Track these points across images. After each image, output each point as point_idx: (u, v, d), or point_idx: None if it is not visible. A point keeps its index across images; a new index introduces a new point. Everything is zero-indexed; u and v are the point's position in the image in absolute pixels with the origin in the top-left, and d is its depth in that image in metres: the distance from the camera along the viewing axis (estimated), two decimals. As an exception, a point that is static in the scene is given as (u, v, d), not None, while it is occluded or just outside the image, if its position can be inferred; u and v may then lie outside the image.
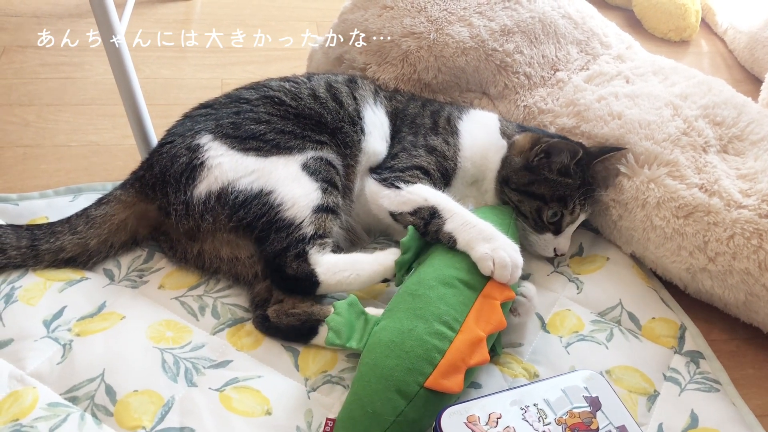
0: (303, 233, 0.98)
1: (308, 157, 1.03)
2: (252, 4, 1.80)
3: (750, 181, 1.07)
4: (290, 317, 0.96)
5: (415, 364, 0.81)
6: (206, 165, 1.00)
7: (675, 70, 1.28)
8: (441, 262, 0.94)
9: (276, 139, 1.04)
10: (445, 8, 1.26)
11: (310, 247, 0.98)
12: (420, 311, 0.86)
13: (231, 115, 1.06)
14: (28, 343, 0.92)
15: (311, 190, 1.01)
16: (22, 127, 1.34)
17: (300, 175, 1.01)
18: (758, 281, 1.01)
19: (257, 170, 1.00)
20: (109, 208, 1.03)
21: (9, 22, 1.63)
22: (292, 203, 0.99)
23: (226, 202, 0.99)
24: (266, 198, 0.99)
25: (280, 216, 0.98)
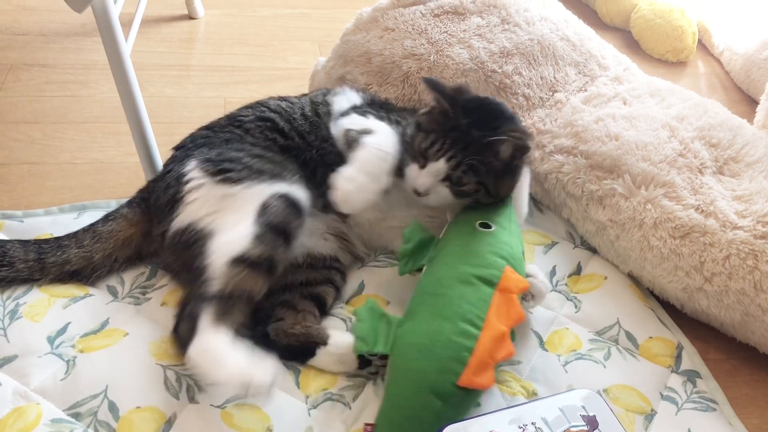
0: (207, 287, 0.89)
1: (273, 192, 0.98)
2: (255, 24, 1.83)
3: (745, 202, 1.08)
4: (289, 337, 0.96)
5: (447, 364, 0.83)
6: (184, 200, 0.99)
7: (671, 92, 1.30)
8: (455, 259, 0.94)
9: (251, 163, 1.01)
10: (446, 30, 1.29)
11: (205, 309, 0.88)
12: (443, 311, 0.87)
13: (221, 142, 1.06)
14: (32, 359, 0.93)
15: (241, 237, 0.93)
16: (28, 145, 1.35)
17: (248, 216, 0.95)
18: (754, 301, 1.02)
19: (221, 209, 0.97)
20: (115, 224, 1.05)
21: (16, 41, 1.65)
22: (215, 250, 0.93)
23: (183, 240, 0.97)
24: (206, 242, 0.94)
25: (203, 264, 0.92)
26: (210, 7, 1.86)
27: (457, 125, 0.99)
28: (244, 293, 0.90)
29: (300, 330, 0.97)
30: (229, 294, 0.89)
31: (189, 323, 0.88)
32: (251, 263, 0.91)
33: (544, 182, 1.21)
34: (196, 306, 0.89)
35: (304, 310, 1.00)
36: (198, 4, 1.82)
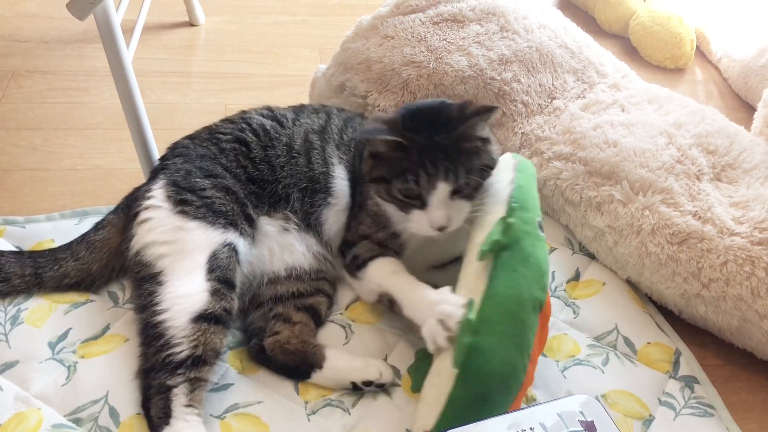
0: (173, 354, 0.87)
1: (225, 241, 0.96)
2: (256, 31, 1.84)
3: (742, 208, 1.09)
4: (286, 354, 0.95)
5: (512, 395, 0.85)
6: (138, 217, 0.98)
7: (669, 99, 1.31)
8: (530, 275, 0.87)
9: (212, 199, 0.98)
10: (445, 38, 1.30)
11: (176, 383, 0.86)
12: (519, 342, 0.84)
13: (196, 157, 1.04)
14: (33, 365, 0.93)
15: (198, 291, 0.91)
16: (30, 151, 1.36)
17: (200, 268, 0.93)
18: (751, 307, 1.02)
19: (171, 242, 0.95)
20: (105, 232, 1.05)
21: (18, 48, 1.66)
22: (170, 305, 0.90)
23: (132, 272, 0.96)
24: (155, 288, 0.92)
25: (156, 319, 0.89)
26: (211, 14, 1.87)
27: (421, 147, 0.91)
28: (214, 352, 0.89)
29: (297, 346, 0.96)
30: (199, 356, 0.87)
31: (161, 401, 0.86)
32: (215, 319, 0.90)
33: (543, 188, 1.22)
34: (166, 377, 0.86)
35: (299, 322, 0.99)
36: (199, 11, 1.83)
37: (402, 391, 0.96)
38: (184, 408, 0.85)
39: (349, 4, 2.01)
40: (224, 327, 0.92)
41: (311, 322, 1.01)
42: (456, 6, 1.33)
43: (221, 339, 0.91)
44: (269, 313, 1.01)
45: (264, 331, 0.99)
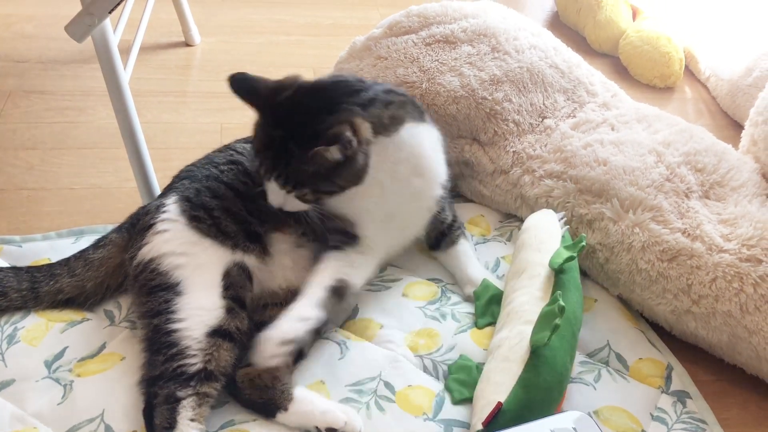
0: (186, 365, 0.88)
1: (235, 261, 0.98)
2: (251, 51, 1.86)
3: (731, 226, 1.11)
4: (254, 389, 0.92)
5: (559, 398, 0.94)
6: (154, 228, 0.99)
7: (658, 117, 1.33)
8: (579, 299, 1.03)
9: (220, 219, 1.01)
10: (437, 59, 1.32)
11: (186, 395, 0.86)
12: (571, 353, 0.97)
13: (202, 177, 1.06)
14: (29, 384, 0.94)
15: (216, 307, 0.93)
16: (27, 171, 1.37)
17: (216, 285, 0.95)
18: (740, 323, 1.04)
19: (188, 254, 0.96)
20: (105, 251, 1.05)
21: (15, 68, 1.67)
22: (188, 315, 0.91)
23: (144, 279, 0.96)
24: (172, 297, 0.93)
25: (171, 327, 0.90)
26: (206, 34, 1.89)
27: (272, 139, 0.93)
28: (223, 369, 0.90)
29: (267, 382, 0.92)
30: (210, 371, 0.89)
31: (168, 411, 0.85)
32: (229, 336, 0.92)
33: (535, 206, 1.23)
34: (176, 388, 0.87)
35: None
36: (195, 31, 1.85)
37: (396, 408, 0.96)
38: (189, 422, 0.85)
39: (343, 25, 2.03)
40: (235, 345, 0.93)
41: (292, 358, 0.98)
42: (448, 27, 1.36)
43: (232, 357, 0.92)
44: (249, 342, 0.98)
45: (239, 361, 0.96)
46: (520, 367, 0.91)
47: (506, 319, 1.01)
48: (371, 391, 0.98)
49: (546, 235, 1.10)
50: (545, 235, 1.10)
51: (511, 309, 1.02)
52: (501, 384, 0.91)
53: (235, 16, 2.01)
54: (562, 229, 1.13)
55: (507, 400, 0.88)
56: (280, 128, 0.93)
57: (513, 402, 0.88)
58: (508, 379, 0.91)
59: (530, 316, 0.97)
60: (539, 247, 1.08)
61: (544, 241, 1.09)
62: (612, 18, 1.98)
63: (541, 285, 1.02)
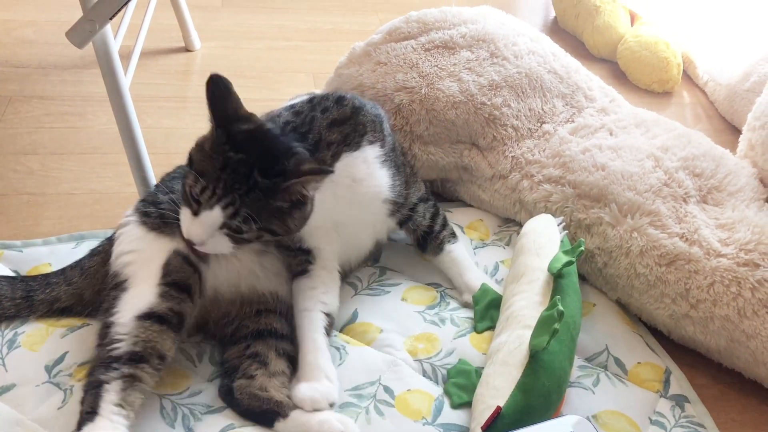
0: (112, 349, 0.87)
1: (174, 248, 0.96)
2: (250, 56, 1.86)
3: (728, 230, 1.11)
4: (254, 400, 0.92)
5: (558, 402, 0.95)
6: (117, 231, 1.02)
7: (656, 122, 1.33)
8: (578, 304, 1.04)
9: (165, 211, 0.98)
10: (436, 64, 1.33)
11: (110, 378, 0.85)
12: (570, 357, 0.98)
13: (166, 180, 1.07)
14: (29, 388, 0.94)
15: (147, 292, 0.92)
16: (27, 176, 1.38)
17: (154, 274, 0.94)
18: (738, 327, 1.04)
19: (135, 251, 0.97)
20: (99, 258, 1.06)
21: (15, 73, 1.68)
22: (121, 307, 0.91)
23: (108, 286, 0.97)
24: (118, 294, 0.93)
25: (107, 320, 0.91)
26: (206, 39, 1.90)
27: (227, 161, 0.88)
28: (155, 352, 0.88)
29: (267, 395, 0.93)
30: (138, 353, 0.87)
31: (92, 397, 0.85)
32: (160, 318, 0.90)
33: (533, 211, 1.24)
34: (101, 373, 0.86)
35: (278, 372, 0.97)
36: (195, 36, 1.86)
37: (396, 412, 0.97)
38: (113, 407, 0.83)
39: (342, 30, 2.04)
40: (170, 328, 0.91)
41: (289, 371, 0.98)
42: (447, 33, 1.37)
43: (165, 339, 0.90)
44: (246, 351, 0.98)
45: (236, 371, 0.96)
46: (519, 371, 0.92)
47: (505, 323, 1.02)
48: (371, 396, 0.98)
49: (545, 239, 1.11)
50: (544, 240, 1.11)
51: (510, 313, 1.02)
52: (500, 388, 0.92)
53: (234, 21, 2.02)
54: (561, 233, 1.13)
55: (506, 404, 0.89)
56: (242, 153, 0.88)
57: (512, 406, 0.89)
58: (507, 384, 0.92)
59: (529, 320, 0.98)
60: (538, 252, 1.08)
61: (543, 245, 1.09)
62: (610, 23, 1.99)
63: (540, 289, 1.02)
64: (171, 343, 0.91)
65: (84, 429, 0.83)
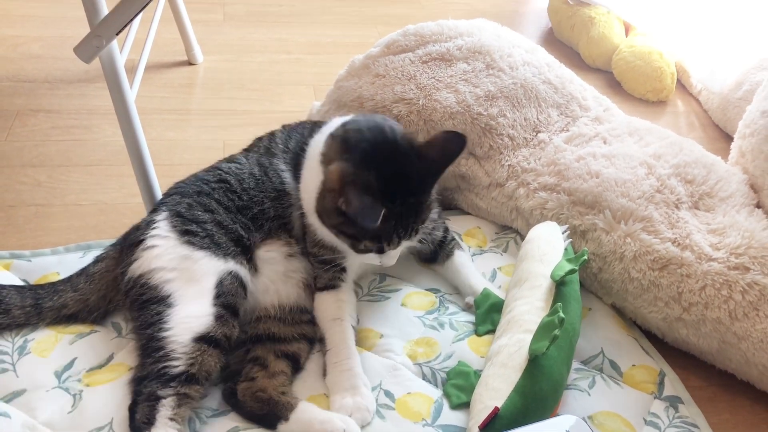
0: (169, 367, 0.92)
1: (228, 269, 1.01)
2: (252, 69, 1.90)
3: (719, 235, 1.14)
4: (256, 402, 0.95)
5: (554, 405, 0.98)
6: (143, 244, 1.02)
7: (649, 131, 1.36)
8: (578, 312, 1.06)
9: (213, 232, 1.04)
10: (433, 76, 1.36)
11: (166, 394, 0.90)
12: (567, 363, 1.01)
13: (193, 192, 1.10)
14: (40, 393, 0.97)
15: (205, 314, 0.96)
16: (35, 187, 1.41)
17: (208, 293, 0.98)
18: (729, 329, 1.07)
19: (179, 269, 0.99)
20: (103, 264, 1.09)
21: (22, 87, 1.71)
22: (176, 323, 0.95)
23: (135, 294, 0.99)
24: (163, 309, 0.96)
25: (160, 335, 0.94)
26: (209, 53, 1.94)
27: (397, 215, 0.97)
28: (207, 374, 0.94)
29: (270, 395, 0.96)
30: (193, 375, 0.92)
31: (148, 408, 0.89)
32: (215, 343, 0.95)
33: (530, 218, 1.27)
34: (157, 387, 0.91)
35: (279, 372, 1.00)
36: (197, 50, 1.89)
37: (396, 415, 0.99)
38: (168, 420, 0.89)
39: (342, 43, 2.08)
40: (221, 352, 0.96)
41: (290, 370, 1.01)
42: (444, 45, 1.40)
43: (216, 363, 0.95)
44: (246, 355, 1.02)
45: (239, 374, 0.99)
46: (517, 374, 0.95)
47: (506, 327, 1.04)
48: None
49: (548, 246, 1.13)
50: (548, 247, 1.13)
51: (512, 317, 1.04)
52: (498, 390, 0.94)
53: (236, 35, 2.06)
54: (566, 241, 1.15)
55: (503, 405, 0.91)
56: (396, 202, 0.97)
57: (509, 408, 0.91)
58: (505, 386, 0.94)
59: (530, 325, 1.00)
60: (542, 258, 1.11)
61: (547, 252, 1.12)
62: (605, 34, 2.03)
63: (543, 295, 1.05)
64: (219, 363, 0.96)
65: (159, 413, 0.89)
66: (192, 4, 2.02)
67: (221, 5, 2.21)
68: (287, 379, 1.00)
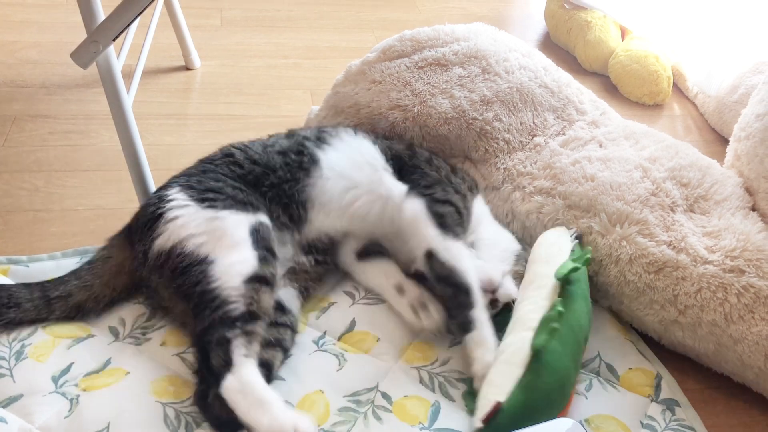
0: (229, 311, 0.95)
1: (258, 220, 1.05)
2: (249, 74, 1.90)
3: (714, 238, 1.14)
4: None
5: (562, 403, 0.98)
6: (165, 217, 1.04)
7: (645, 134, 1.37)
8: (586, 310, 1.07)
9: (233, 193, 1.08)
10: (429, 82, 1.36)
11: (235, 335, 0.93)
12: (575, 359, 1.01)
13: (199, 173, 1.13)
14: (36, 398, 0.97)
15: (249, 258, 1.00)
16: (32, 193, 1.41)
17: (245, 241, 1.01)
18: (725, 332, 1.07)
19: (208, 231, 1.02)
20: (106, 252, 1.11)
21: (20, 93, 1.72)
22: (223, 272, 0.98)
23: (172, 265, 1.01)
24: (206, 267, 0.99)
25: (211, 286, 0.97)
26: (206, 58, 1.94)
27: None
28: (265, 310, 0.98)
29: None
30: (253, 313, 0.96)
31: (222, 351, 0.93)
32: (265, 280, 1.00)
33: (525, 221, 1.27)
34: (223, 331, 0.94)
35: None
36: (195, 55, 1.90)
37: (393, 417, 0.99)
38: (244, 358, 0.93)
39: (339, 47, 2.09)
40: (272, 288, 1.01)
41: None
42: (440, 51, 1.40)
43: (271, 298, 1.00)
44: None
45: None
46: (521, 370, 0.96)
47: (512, 326, 1.05)
48: (369, 402, 1.01)
49: (555, 249, 1.14)
50: (555, 249, 1.14)
51: (518, 318, 1.05)
52: (501, 385, 0.95)
53: (233, 40, 2.06)
54: (572, 243, 1.16)
55: (507, 400, 0.93)
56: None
57: (513, 403, 0.92)
58: (508, 381, 0.95)
59: (533, 323, 1.01)
60: (548, 260, 1.11)
61: (554, 254, 1.12)
62: (601, 38, 2.04)
63: (547, 294, 1.06)
64: (272, 299, 1.01)
65: (228, 378, 0.91)
66: (189, 10, 2.03)
67: (219, 10, 2.21)
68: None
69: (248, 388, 0.91)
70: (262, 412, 0.89)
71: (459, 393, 1.04)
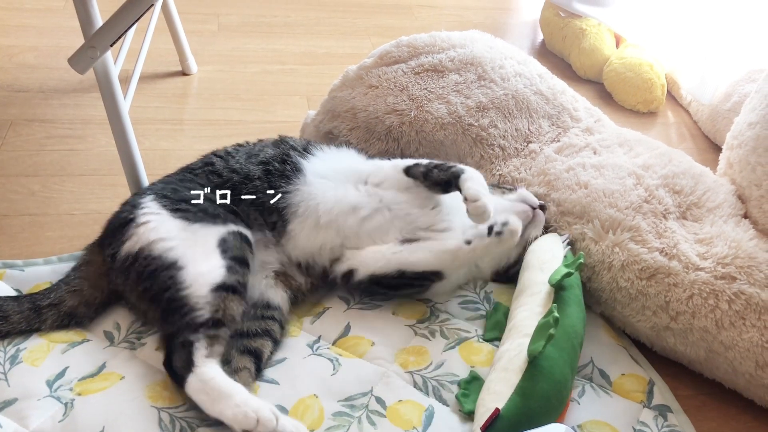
0: (195, 317, 0.97)
1: (228, 231, 1.06)
2: (246, 80, 1.91)
3: (706, 245, 1.15)
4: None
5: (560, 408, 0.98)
6: (135, 221, 1.06)
7: (639, 141, 1.38)
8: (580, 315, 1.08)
9: (204, 205, 1.09)
10: (425, 87, 1.37)
11: (197, 338, 0.96)
12: (571, 364, 1.02)
13: (176, 181, 1.15)
14: (31, 402, 0.97)
15: (216, 267, 1.02)
16: (28, 197, 1.41)
17: (212, 251, 1.03)
18: (716, 338, 1.08)
19: (178, 237, 1.04)
20: (88, 255, 1.13)
21: (16, 97, 1.72)
22: (192, 281, 0.99)
23: (139, 267, 1.02)
24: (174, 273, 1.00)
25: (180, 294, 0.99)
26: (203, 63, 1.95)
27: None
28: (231, 317, 1.00)
29: None
30: (218, 320, 0.99)
31: (184, 354, 0.96)
32: (232, 289, 1.01)
33: (520, 228, 1.28)
34: (187, 335, 0.97)
35: (242, 368, 1.00)
36: (191, 60, 1.91)
37: (387, 422, 1.00)
38: (204, 358, 0.95)
39: (335, 53, 2.10)
40: (240, 297, 1.03)
41: (253, 366, 1.01)
42: (436, 57, 1.41)
43: (238, 307, 1.02)
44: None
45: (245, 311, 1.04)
46: (518, 376, 0.96)
47: (508, 334, 1.06)
48: (363, 406, 1.01)
49: (549, 255, 1.15)
50: (548, 256, 1.15)
51: (513, 325, 1.06)
52: (499, 392, 0.96)
53: (230, 45, 2.07)
54: (565, 249, 1.17)
55: (505, 407, 0.93)
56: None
57: (511, 409, 0.93)
58: (506, 388, 0.96)
59: (529, 329, 1.02)
60: (541, 267, 1.13)
61: (547, 261, 1.14)
62: (596, 45, 2.05)
63: (542, 301, 1.07)
64: (240, 307, 1.03)
65: (189, 378, 0.94)
66: (186, 15, 2.04)
67: (215, 16, 2.22)
68: (250, 376, 1.01)
69: (209, 385, 0.93)
70: (225, 404, 0.90)
71: (453, 397, 1.04)
